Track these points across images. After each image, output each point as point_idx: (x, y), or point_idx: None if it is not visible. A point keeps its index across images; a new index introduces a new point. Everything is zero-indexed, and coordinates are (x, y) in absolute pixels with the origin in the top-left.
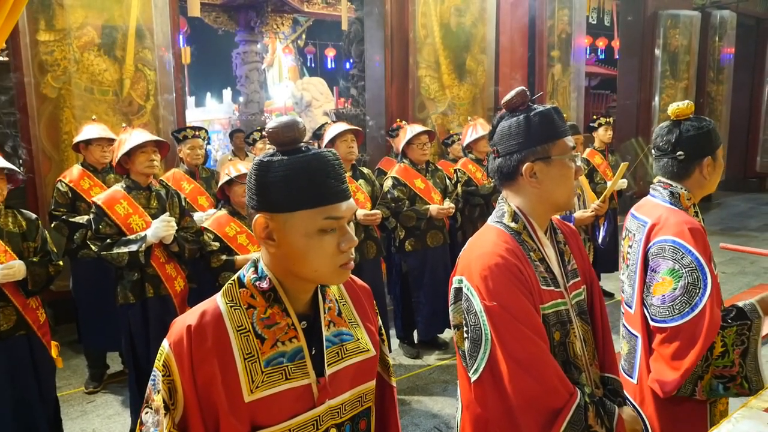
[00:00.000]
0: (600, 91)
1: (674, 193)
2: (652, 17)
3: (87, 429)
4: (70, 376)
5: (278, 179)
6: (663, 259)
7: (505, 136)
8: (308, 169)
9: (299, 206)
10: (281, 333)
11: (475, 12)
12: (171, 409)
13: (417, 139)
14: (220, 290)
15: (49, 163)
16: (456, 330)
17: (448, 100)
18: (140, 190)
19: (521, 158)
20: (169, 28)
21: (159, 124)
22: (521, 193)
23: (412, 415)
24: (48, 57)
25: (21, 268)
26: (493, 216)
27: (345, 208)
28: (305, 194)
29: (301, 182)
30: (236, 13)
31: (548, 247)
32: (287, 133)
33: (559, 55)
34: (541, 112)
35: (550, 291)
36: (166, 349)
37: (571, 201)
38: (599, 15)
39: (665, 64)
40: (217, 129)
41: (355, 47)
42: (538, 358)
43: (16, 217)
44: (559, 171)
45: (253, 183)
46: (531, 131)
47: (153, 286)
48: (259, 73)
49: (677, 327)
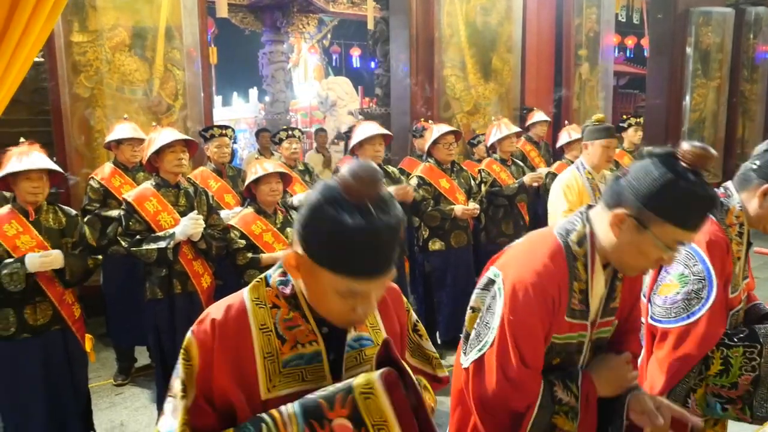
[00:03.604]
0: (628, 90)
1: (724, 205)
2: (683, 14)
3: (115, 420)
4: (99, 369)
5: (325, 231)
6: (677, 262)
7: (640, 173)
8: (355, 239)
9: (328, 267)
10: (302, 336)
11: (502, 11)
12: (188, 392)
13: (443, 138)
14: (247, 286)
15: (81, 161)
16: (471, 312)
17: (473, 99)
18: (169, 187)
19: (625, 202)
20: (198, 28)
21: (187, 123)
22: (605, 229)
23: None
24: (81, 58)
25: (58, 257)
26: (562, 224)
27: (375, 285)
28: (339, 260)
29: (340, 247)
30: (262, 13)
31: (599, 283)
32: (365, 190)
33: (586, 53)
34: (690, 192)
35: (572, 323)
36: (189, 336)
37: (631, 272)
38: (628, 13)
39: (696, 63)
40: (244, 128)
41: (380, 47)
42: (527, 383)
43: (57, 213)
44: (643, 245)
45: (304, 217)
46: (660, 193)
47: (180, 283)
48: (284, 73)
49: (669, 330)
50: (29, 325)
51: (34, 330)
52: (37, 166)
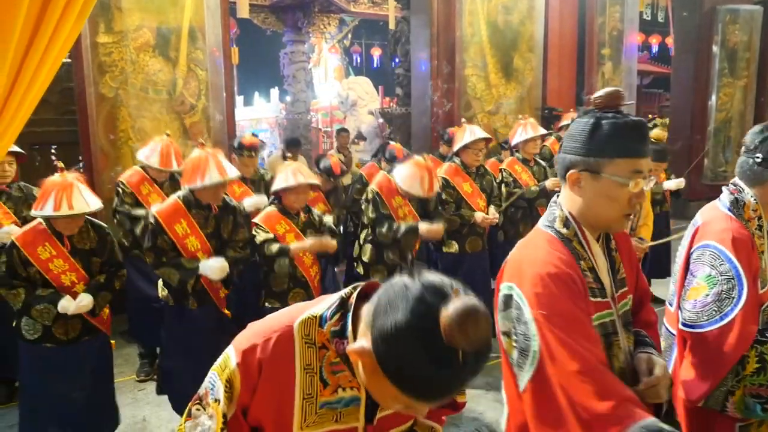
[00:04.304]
0: (652, 90)
1: (739, 200)
2: (709, 12)
3: (137, 416)
4: (122, 365)
5: (403, 361)
6: (702, 264)
7: (570, 134)
8: (435, 384)
9: (396, 386)
10: (345, 381)
11: (523, 10)
12: (228, 409)
13: (474, 144)
14: (298, 318)
15: (106, 160)
16: (506, 338)
17: (494, 99)
18: (200, 208)
19: (571, 163)
20: (220, 29)
21: (209, 122)
22: (572, 198)
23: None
24: (106, 58)
25: (90, 303)
26: (543, 219)
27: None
28: (410, 389)
29: (418, 383)
30: (284, 13)
31: (599, 257)
32: (469, 345)
33: (609, 52)
34: (613, 123)
35: (597, 302)
36: (232, 365)
37: (617, 225)
38: (653, 11)
39: (723, 62)
40: (265, 128)
41: (400, 46)
42: (594, 367)
43: (89, 232)
44: (607, 191)
45: (386, 329)
46: (593, 139)
47: (197, 299)
48: (305, 73)
49: (703, 334)
50: (56, 338)
51: (60, 342)
52: (77, 211)
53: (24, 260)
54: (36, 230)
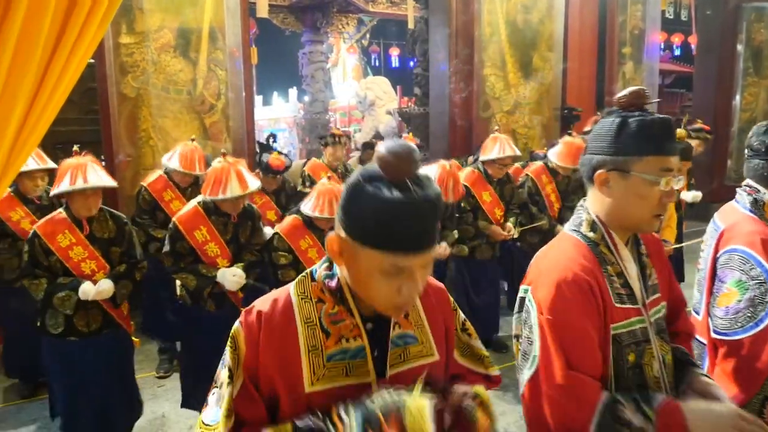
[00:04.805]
0: (674, 89)
1: (758, 200)
2: (733, 11)
3: (157, 412)
4: (142, 361)
5: (365, 208)
6: (730, 269)
7: (595, 134)
8: (395, 212)
9: (371, 244)
10: (346, 330)
11: (543, 9)
12: (234, 379)
13: (502, 160)
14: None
15: (127, 160)
16: (515, 340)
17: (513, 99)
18: (220, 215)
19: (599, 163)
20: (240, 29)
21: (229, 122)
22: (599, 200)
23: None
24: (128, 59)
25: (110, 288)
26: (570, 224)
27: (418, 260)
28: (381, 235)
29: (382, 222)
30: (303, 13)
31: (629, 261)
32: (403, 167)
33: (630, 51)
34: (641, 121)
35: (626, 309)
36: (237, 326)
37: (647, 225)
38: (676, 9)
39: (747, 61)
40: (283, 127)
41: (419, 46)
42: (578, 390)
43: (107, 221)
44: (636, 189)
45: (344, 198)
46: (620, 137)
47: (215, 302)
48: (324, 73)
49: (738, 341)
50: (78, 330)
51: (82, 335)
52: (92, 185)
53: (45, 249)
54: (55, 220)
